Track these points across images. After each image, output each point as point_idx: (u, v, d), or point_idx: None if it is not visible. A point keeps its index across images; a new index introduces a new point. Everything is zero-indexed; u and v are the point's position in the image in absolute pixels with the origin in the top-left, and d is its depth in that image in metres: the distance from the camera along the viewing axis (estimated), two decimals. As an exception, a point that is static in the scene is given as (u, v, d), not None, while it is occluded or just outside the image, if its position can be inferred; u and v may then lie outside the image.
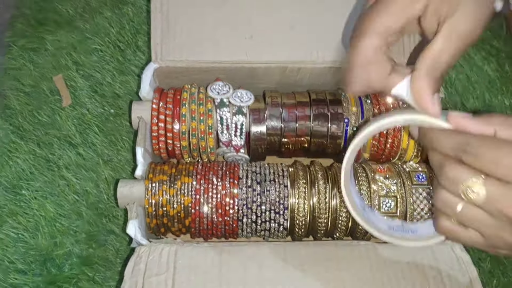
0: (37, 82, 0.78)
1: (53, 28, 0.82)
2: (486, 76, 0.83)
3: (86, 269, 0.66)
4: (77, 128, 0.75)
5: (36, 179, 0.71)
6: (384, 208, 0.57)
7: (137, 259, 0.52)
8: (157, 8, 0.63)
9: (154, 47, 0.63)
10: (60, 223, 0.69)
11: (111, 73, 0.79)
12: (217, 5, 0.64)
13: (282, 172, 0.59)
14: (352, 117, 0.61)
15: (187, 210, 0.56)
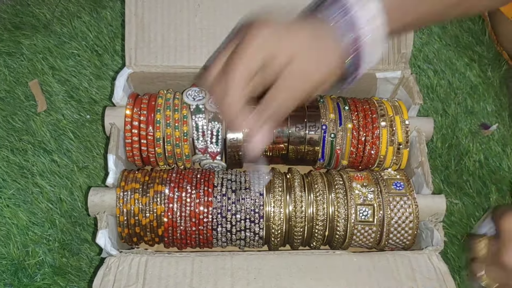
0: (12, 87, 0.76)
1: (29, 32, 0.81)
2: (468, 82, 0.82)
3: (59, 279, 0.65)
4: (52, 134, 0.73)
5: (8, 187, 0.69)
6: (361, 216, 0.56)
7: (106, 270, 0.51)
8: (132, 12, 0.62)
9: (128, 52, 0.61)
10: (33, 232, 0.67)
11: (88, 78, 0.78)
12: (192, 10, 0.62)
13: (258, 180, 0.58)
14: (330, 124, 0.60)
15: (159, 219, 0.55)
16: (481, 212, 0.72)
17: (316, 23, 0.45)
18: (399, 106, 0.62)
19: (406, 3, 0.46)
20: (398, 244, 0.57)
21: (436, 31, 0.85)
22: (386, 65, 0.64)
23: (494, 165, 0.76)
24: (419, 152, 0.60)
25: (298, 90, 0.45)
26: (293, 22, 0.45)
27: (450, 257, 0.69)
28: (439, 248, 0.54)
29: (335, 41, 0.45)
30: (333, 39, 0.44)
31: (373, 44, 0.45)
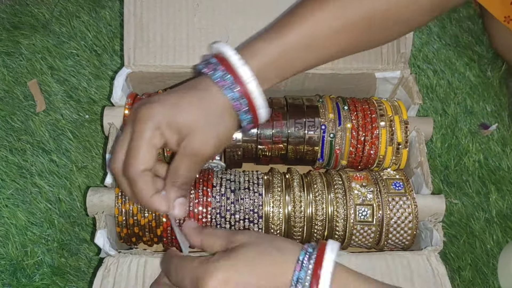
0: (10, 87, 0.76)
1: (28, 32, 0.81)
2: (467, 81, 0.82)
3: (58, 279, 0.64)
4: (51, 134, 0.73)
5: (7, 187, 0.69)
6: (360, 216, 0.56)
7: (105, 272, 0.51)
8: (131, 12, 0.62)
9: (126, 52, 0.61)
10: (32, 232, 0.67)
11: (87, 77, 0.78)
12: (191, 9, 0.62)
13: (257, 180, 0.58)
14: (329, 124, 0.60)
15: (158, 219, 0.55)
16: (480, 212, 0.72)
17: (201, 87, 0.47)
18: (399, 106, 0.62)
19: (280, 65, 0.49)
20: (398, 244, 0.57)
21: (435, 31, 0.85)
22: (386, 65, 0.64)
23: (494, 165, 0.76)
24: (419, 152, 0.60)
25: (199, 161, 0.47)
26: (180, 94, 0.47)
27: (450, 257, 0.69)
28: (438, 248, 0.54)
29: (223, 99, 0.47)
30: (221, 99, 0.47)
31: (259, 97, 0.48)
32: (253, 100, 0.47)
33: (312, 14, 0.49)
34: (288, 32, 0.48)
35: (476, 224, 0.71)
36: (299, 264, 0.41)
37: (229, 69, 0.46)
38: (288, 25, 0.49)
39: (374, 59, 0.64)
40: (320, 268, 0.40)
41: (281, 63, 0.49)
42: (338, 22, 0.49)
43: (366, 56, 0.63)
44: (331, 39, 0.50)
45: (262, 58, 0.47)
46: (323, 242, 0.43)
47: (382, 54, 0.64)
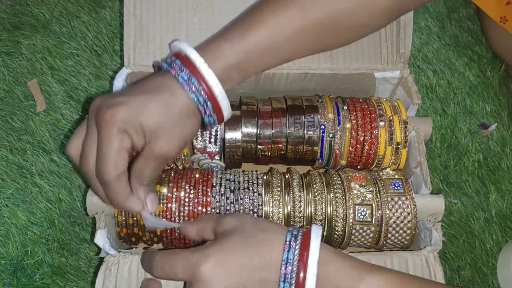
0: (11, 87, 0.76)
1: (28, 32, 0.81)
2: (467, 81, 0.82)
3: (58, 279, 0.65)
4: (51, 134, 0.73)
5: (7, 186, 0.69)
6: (359, 216, 0.56)
7: (107, 272, 0.51)
8: (130, 12, 0.62)
9: (126, 52, 0.61)
10: (32, 231, 0.67)
11: (87, 77, 0.78)
12: (191, 10, 0.62)
13: (257, 180, 0.58)
14: (328, 124, 0.60)
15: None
16: (480, 211, 0.72)
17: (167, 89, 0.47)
18: (398, 106, 0.62)
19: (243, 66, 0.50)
20: (397, 244, 0.57)
21: (435, 31, 0.85)
22: (385, 65, 0.64)
23: (493, 165, 0.76)
24: (418, 152, 0.60)
25: (164, 161, 0.48)
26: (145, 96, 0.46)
27: (449, 256, 0.69)
28: (437, 248, 0.54)
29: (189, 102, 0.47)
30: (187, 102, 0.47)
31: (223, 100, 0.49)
32: (218, 103, 0.48)
33: (273, 15, 0.49)
34: (250, 33, 0.49)
35: (476, 224, 0.71)
36: (287, 245, 0.44)
37: (194, 72, 0.47)
38: (250, 26, 0.49)
39: (374, 59, 0.64)
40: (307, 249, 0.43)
41: (243, 65, 0.49)
42: (298, 23, 0.49)
43: (365, 56, 0.64)
44: (292, 41, 0.50)
45: (225, 60, 0.48)
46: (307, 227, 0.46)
47: (381, 54, 0.64)
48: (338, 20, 0.50)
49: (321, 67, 0.62)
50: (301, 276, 0.42)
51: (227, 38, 0.49)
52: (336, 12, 0.50)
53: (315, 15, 0.50)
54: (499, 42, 0.83)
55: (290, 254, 0.43)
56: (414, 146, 0.61)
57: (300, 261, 0.43)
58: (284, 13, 0.49)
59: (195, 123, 0.49)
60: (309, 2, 0.49)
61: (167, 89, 0.47)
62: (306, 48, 0.52)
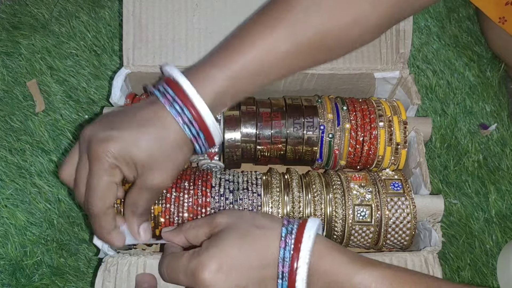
0: (10, 87, 0.76)
1: (28, 32, 0.81)
2: (467, 82, 0.82)
3: (57, 279, 0.65)
4: (50, 134, 0.73)
5: (6, 187, 0.69)
6: (359, 217, 0.56)
7: (106, 273, 0.51)
8: (129, 12, 0.62)
9: (125, 52, 0.61)
10: (31, 232, 0.67)
11: (86, 78, 0.78)
12: (190, 10, 0.62)
13: (256, 180, 0.58)
14: (328, 124, 0.60)
15: (157, 219, 0.55)
16: (480, 212, 0.72)
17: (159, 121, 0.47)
18: (398, 106, 0.62)
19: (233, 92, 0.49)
20: (396, 244, 0.57)
21: (435, 31, 0.85)
22: (385, 65, 0.64)
23: (493, 165, 0.76)
24: (417, 153, 0.60)
25: (157, 192, 0.49)
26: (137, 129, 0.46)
27: (449, 257, 0.69)
28: (437, 248, 0.54)
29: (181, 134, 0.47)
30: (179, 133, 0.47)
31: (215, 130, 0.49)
32: (210, 133, 0.49)
33: (261, 37, 0.48)
34: (239, 57, 0.48)
35: (476, 224, 0.71)
36: (283, 241, 0.44)
37: (187, 104, 0.46)
38: (239, 49, 0.48)
39: (373, 59, 0.64)
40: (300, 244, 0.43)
41: (233, 90, 0.49)
42: (288, 45, 0.48)
43: (365, 56, 0.64)
44: (283, 61, 0.49)
45: (215, 88, 0.48)
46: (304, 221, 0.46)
47: (381, 54, 0.64)
48: (329, 38, 0.49)
49: (321, 67, 0.62)
50: (294, 269, 0.43)
51: (216, 63, 0.48)
52: (326, 30, 0.49)
53: (305, 35, 0.48)
54: (498, 42, 0.83)
55: (286, 252, 0.43)
56: (414, 147, 0.61)
57: (293, 258, 0.43)
58: (272, 34, 0.48)
59: (187, 152, 0.49)
60: (298, 22, 0.48)
61: (159, 121, 0.47)
62: (297, 66, 0.51)
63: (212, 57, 0.49)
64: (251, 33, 0.49)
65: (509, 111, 0.81)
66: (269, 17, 0.49)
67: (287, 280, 0.43)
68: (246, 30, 0.49)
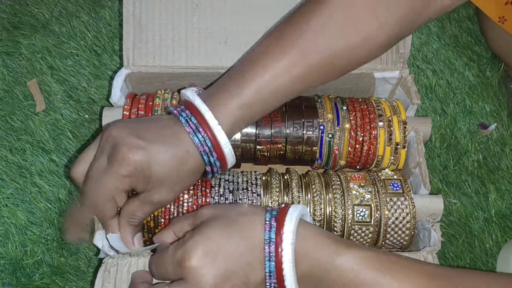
0: (10, 87, 0.76)
1: (28, 31, 0.81)
2: (467, 81, 0.82)
3: (57, 279, 0.65)
4: (51, 133, 0.73)
5: (7, 186, 0.69)
6: (358, 217, 0.56)
7: (105, 274, 0.51)
8: (129, 12, 0.62)
9: (125, 52, 0.61)
10: (31, 231, 0.67)
11: (86, 77, 0.78)
12: (190, 10, 0.62)
13: (255, 180, 0.58)
14: (327, 124, 0.60)
15: (157, 219, 0.55)
16: (479, 211, 0.72)
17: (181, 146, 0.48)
18: (397, 106, 0.62)
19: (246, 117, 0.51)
20: (396, 244, 0.57)
21: (435, 31, 0.85)
22: (385, 65, 0.64)
23: (493, 165, 0.76)
24: (417, 153, 0.60)
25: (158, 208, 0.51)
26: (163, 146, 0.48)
27: (448, 256, 0.69)
28: (436, 248, 0.54)
29: (199, 162, 0.50)
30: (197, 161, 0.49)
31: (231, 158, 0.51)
32: (226, 161, 0.51)
33: (275, 60, 0.50)
34: (253, 83, 0.50)
35: (475, 224, 0.71)
36: (268, 224, 0.44)
37: (208, 135, 0.48)
38: (253, 75, 0.50)
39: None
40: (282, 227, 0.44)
41: (248, 115, 0.51)
42: (299, 68, 0.50)
43: (364, 56, 0.63)
44: (295, 84, 0.51)
45: (232, 115, 0.50)
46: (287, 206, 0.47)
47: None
48: (339, 59, 0.51)
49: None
50: (280, 251, 0.43)
51: (231, 91, 0.50)
52: (335, 52, 0.51)
53: (316, 57, 0.50)
54: (498, 42, 0.83)
55: (272, 233, 0.44)
56: (413, 147, 0.61)
57: (277, 239, 0.43)
58: (286, 58, 0.50)
59: (198, 176, 0.52)
60: (310, 45, 0.50)
61: (182, 144, 0.48)
62: (307, 87, 0.53)
63: (226, 83, 0.51)
64: (265, 58, 0.50)
65: (509, 110, 0.81)
66: (280, 41, 0.50)
67: (274, 261, 0.43)
68: (258, 54, 0.51)
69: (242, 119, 0.51)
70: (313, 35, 0.50)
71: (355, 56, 0.52)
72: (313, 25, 0.50)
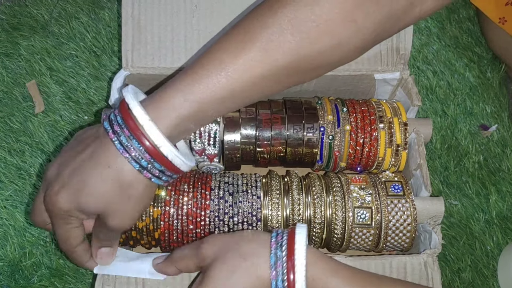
0: (9, 88, 0.76)
1: (27, 33, 0.80)
2: (467, 82, 0.82)
3: (56, 281, 0.64)
4: (50, 135, 0.73)
5: (6, 188, 0.69)
6: (359, 219, 0.55)
7: (105, 277, 0.51)
8: (128, 13, 0.61)
9: (124, 54, 0.61)
10: (30, 233, 0.67)
11: (86, 79, 0.77)
12: (189, 11, 0.62)
13: (255, 183, 0.58)
14: (328, 126, 0.60)
15: (156, 222, 0.55)
16: (480, 213, 0.72)
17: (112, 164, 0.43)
18: (398, 108, 0.61)
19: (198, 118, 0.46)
20: (396, 247, 0.57)
21: (435, 32, 0.85)
22: (385, 66, 0.64)
23: (494, 166, 0.76)
24: (418, 154, 0.60)
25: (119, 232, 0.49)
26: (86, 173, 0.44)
27: (449, 258, 0.69)
28: (437, 251, 0.54)
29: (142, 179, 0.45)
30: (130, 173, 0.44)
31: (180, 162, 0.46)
32: (175, 166, 0.46)
33: (234, 58, 0.44)
34: (206, 81, 0.44)
35: (476, 226, 0.71)
36: (274, 273, 0.43)
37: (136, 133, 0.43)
38: (206, 73, 0.44)
39: (373, 60, 0.63)
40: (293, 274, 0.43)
41: (199, 114, 0.45)
42: (262, 68, 0.45)
43: (365, 58, 0.63)
44: (257, 85, 0.46)
45: (176, 113, 0.44)
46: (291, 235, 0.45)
47: (381, 56, 0.63)
48: (308, 61, 0.46)
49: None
50: None
51: (179, 87, 0.44)
52: (305, 54, 0.45)
53: (282, 58, 0.45)
54: (498, 43, 0.83)
55: (279, 282, 0.43)
56: (414, 148, 0.61)
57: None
58: (245, 56, 0.44)
59: (144, 187, 0.45)
60: (275, 43, 0.44)
61: (106, 159, 0.43)
62: (275, 88, 0.48)
63: (176, 81, 0.45)
64: (222, 55, 0.45)
65: (510, 112, 0.81)
66: (242, 35, 0.45)
67: None
68: (215, 50, 0.46)
69: (189, 118, 0.45)
70: (277, 33, 0.44)
71: (326, 60, 0.47)
72: (280, 21, 0.44)
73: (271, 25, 0.44)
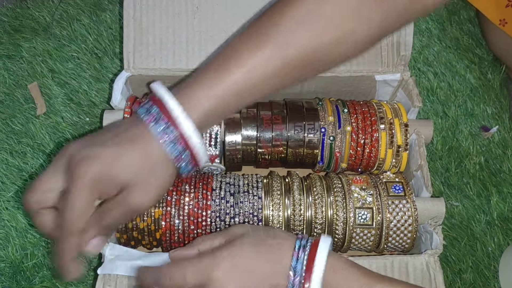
0: (11, 90, 0.76)
1: (29, 35, 0.81)
2: (468, 84, 0.82)
3: (58, 282, 0.65)
4: (51, 137, 0.73)
5: (7, 189, 0.69)
6: (360, 220, 0.55)
7: (106, 277, 0.51)
8: (130, 15, 0.62)
9: (126, 55, 0.61)
10: (32, 234, 0.67)
11: (87, 80, 0.78)
12: (191, 13, 0.62)
13: (257, 183, 0.58)
14: (329, 127, 0.60)
15: (157, 222, 0.55)
16: (481, 214, 0.72)
17: (142, 140, 0.45)
18: (399, 109, 0.62)
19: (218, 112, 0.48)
20: (397, 247, 0.57)
21: (436, 33, 0.85)
22: (386, 68, 0.64)
23: (495, 167, 0.76)
24: (419, 155, 0.60)
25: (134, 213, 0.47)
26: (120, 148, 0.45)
27: (451, 259, 0.69)
28: (438, 251, 0.54)
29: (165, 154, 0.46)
30: (164, 154, 0.46)
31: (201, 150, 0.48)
32: (195, 154, 0.47)
33: (250, 54, 0.47)
34: (226, 76, 0.47)
35: (477, 227, 0.71)
36: (296, 253, 0.45)
37: (171, 122, 0.45)
38: (226, 68, 0.47)
39: (374, 62, 0.63)
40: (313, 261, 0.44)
41: (220, 109, 0.48)
42: (277, 62, 0.47)
43: (366, 59, 0.63)
44: (272, 79, 0.48)
45: (201, 107, 0.47)
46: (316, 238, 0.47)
47: (382, 57, 0.64)
48: (320, 53, 0.48)
49: (321, 70, 0.62)
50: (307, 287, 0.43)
51: (202, 83, 0.47)
52: (317, 46, 0.48)
53: (294, 52, 0.47)
54: (499, 45, 0.83)
55: (298, 264, 0.44)
56: (415, 149, 0.61)
57: (306, 272, 0.44)
58: (261, 52, 0.47)
59: (172, 172, 0.47)
60: (287, 39, 0.47)
61: (142, 139, 0.45)
62: (284, 83, 0.50)
63: (199, 76, 0.48)
64: (239, 51, 0.48)
65: (511, 113, 0.81)
66: (256, 34, 0.48)
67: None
68: (232, 48, 0.48)
69: (213, 112, 0.47)
70: (288, 30, 0.47)
71: (336, 52, 0.49)
72: (288, 20, 0.47)
73: (282, 24, 0.47)
